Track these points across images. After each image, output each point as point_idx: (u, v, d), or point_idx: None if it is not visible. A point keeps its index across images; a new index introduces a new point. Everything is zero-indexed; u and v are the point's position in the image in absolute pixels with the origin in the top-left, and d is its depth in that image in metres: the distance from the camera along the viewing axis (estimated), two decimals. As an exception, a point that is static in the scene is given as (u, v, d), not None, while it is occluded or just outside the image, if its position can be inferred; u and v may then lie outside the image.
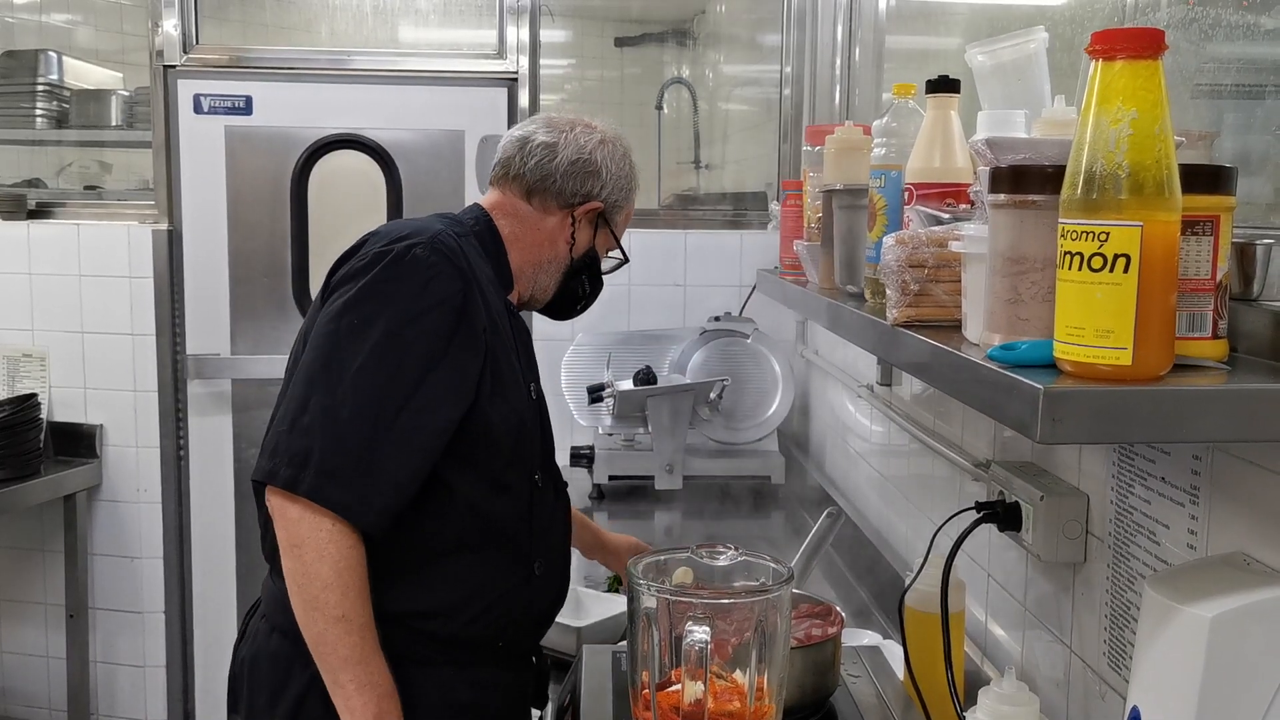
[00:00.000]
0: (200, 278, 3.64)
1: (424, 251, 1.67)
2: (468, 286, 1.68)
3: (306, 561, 1.57)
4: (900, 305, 1.31)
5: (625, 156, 1.96)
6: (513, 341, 1.80)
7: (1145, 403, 0.93)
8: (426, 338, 1.63)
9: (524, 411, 1.78)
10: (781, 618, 1.38)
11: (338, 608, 1.56)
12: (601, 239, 1.94)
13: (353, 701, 1.57)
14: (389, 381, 1.60)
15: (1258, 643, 1.05)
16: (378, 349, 1.60)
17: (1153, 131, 0.91)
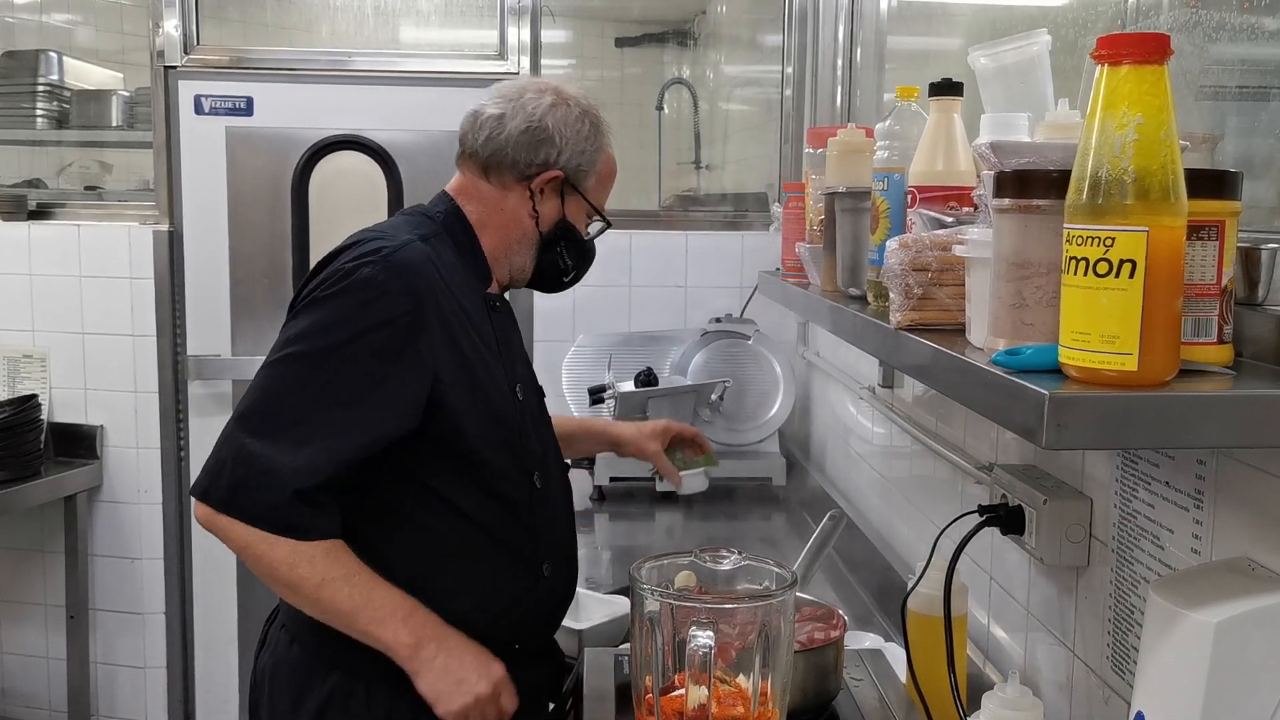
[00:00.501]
0: (201, 278, 3.63)
1: (373, 270, 1.63)
2: (418, 305, 1.63)
3: (259, 556, 1.60)
4: (904, 309, 1.31)
5: (584, 115, 1.82)
6: (494, 343, 1.77)
7: (1151, 408, 0.93)
8: (363, 357, 1.61)
9: (507, 416, 1.75)
10: (785, 622, 1.38)
11: (313, 577, 1.59)
12: (574, 207, 1.84)
13: (383, 638, 1.61)
14: (312, 396, 1.60)
15: (1262, 648, 1.04)
16: (308, 360, 1.62)
17: (1158, 137, 0.91)
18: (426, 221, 1.81)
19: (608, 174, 1.88)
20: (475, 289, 1.80)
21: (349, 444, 1.60)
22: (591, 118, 1.83)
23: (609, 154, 1.87)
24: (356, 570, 1.62)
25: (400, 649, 1.61)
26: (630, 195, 4.69)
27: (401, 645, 1.61)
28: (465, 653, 1.66)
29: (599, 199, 1.87)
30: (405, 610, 1.62)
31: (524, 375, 1.87)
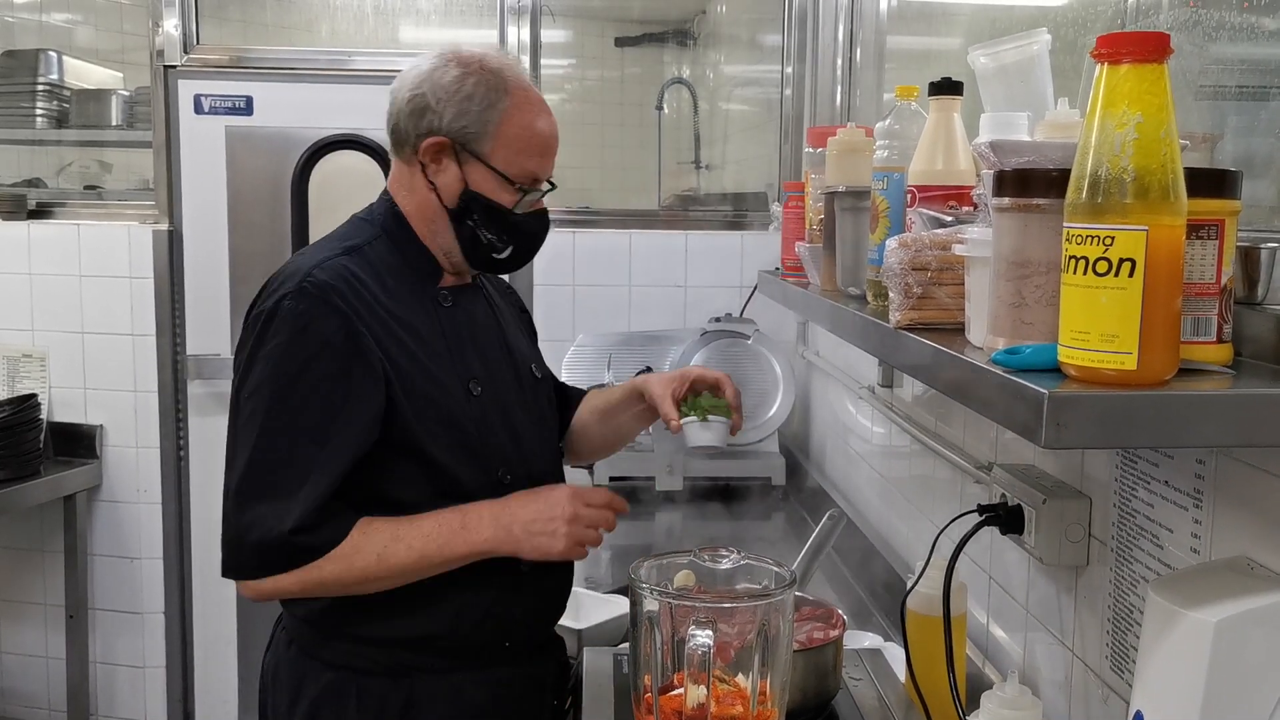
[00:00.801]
0: (200, 278, 3.63)
1: (291, 301, 1.64)
2: (347, 319, 1.63)
3: (321, 585, 1.64)
4: (903, 308, 1.31)
5: (465, 75, 1.71)
6: (440, 342, 1.74)
7: (1150, 407, 0.93)
8: (317, 388, 1.62)
9: (458, 416, 1.71)
10: (784, 621, 1.38)
11: (370, 563, 1.62)
12: (477, 175, 1.72)
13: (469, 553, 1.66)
14: (286, 444, 1.62)
15: (1261, 647, 1.04)
16: (267, 413, 1.63)
17: (1158, 136, 0.91)
18: (365, 227, 1.79)
19: (518, 138, 1.72)
20: (416, 288, 1.75)
21: (330, 473, 1.62)
22: (484, 79, 1.71)
23: (521, 118, 1.72)
24: (394, 526, 1.64)
25: (491, 548, 1.66)
26: (630, 195, 4.70)
27: (488, 545, 1.65)
28: (529, 503, 1.68)
29: (512, 166, 1.73)
30: (458, 519, 1.65)
31: (492, 369, 1.80)
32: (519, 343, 1.92)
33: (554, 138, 1.77)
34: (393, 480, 1.69)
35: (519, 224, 1.76)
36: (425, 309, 1.74)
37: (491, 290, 1.94)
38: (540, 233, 1.82)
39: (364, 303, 1.66)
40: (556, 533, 1.66)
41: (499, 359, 1.82)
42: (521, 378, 1.86)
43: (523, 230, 1.78)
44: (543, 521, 1.66)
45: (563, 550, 1.67)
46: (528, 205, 1.76)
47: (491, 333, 1.84)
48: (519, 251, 1.79)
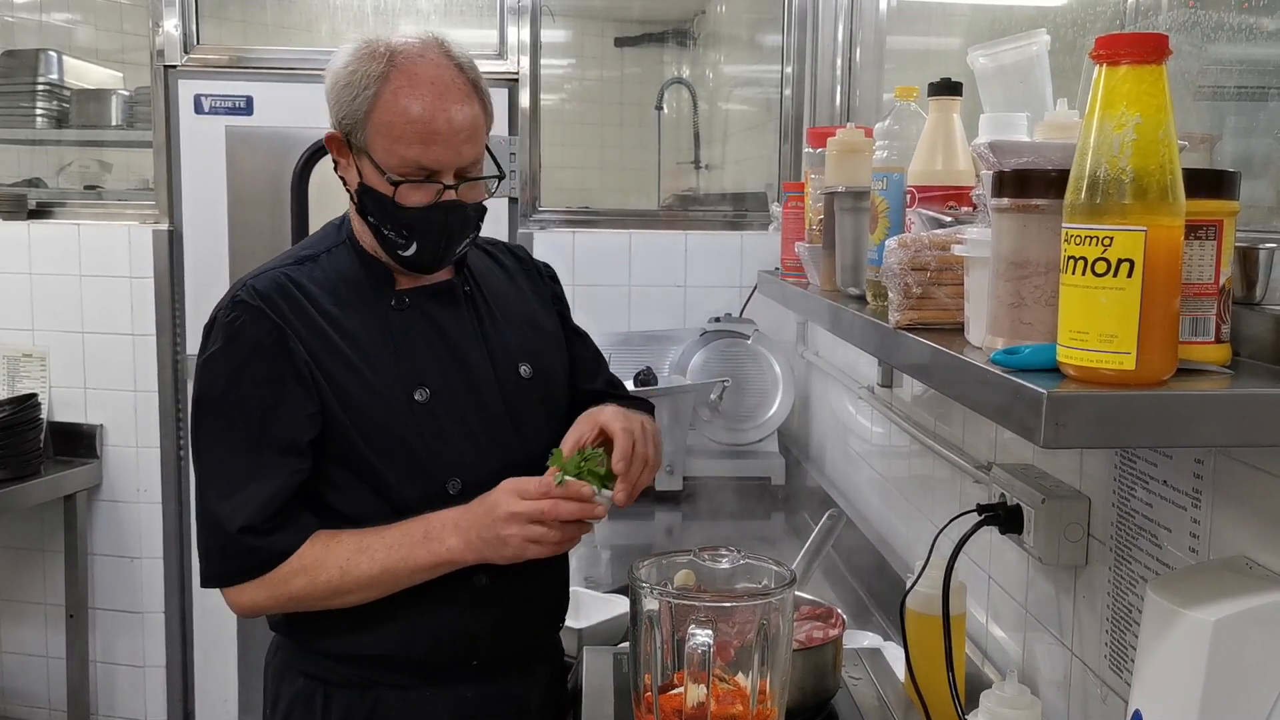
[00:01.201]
0: (200, 278, 3.64)
1: (226, 311, 1.65)
2: (277, 326, 1.62)
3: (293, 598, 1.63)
4: (902, 308, 1.31)
5: (354, 62, 1.64)
6: (388, 347, 1.68)
7: (1149, 407, 0.93)
8: (251, 392, 1.62)
9: (398, 426, 1.65)
10: (784, 620, 1.38)
11: (330, 584, 1.60)
12: (366, 168, 1.65)
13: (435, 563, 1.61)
14: (227, 449, 1.63)
15: (1260, 646, 1.05)
16: (210, 420, 1.65)
17: (1157, 136, 0.91)
18: (331, 234, 1.78)
19: (391, 125, 1.61)
20: (370, 294, 1.70)
21: (274, 475, 1.61)
22: (370, 66, 1.62)
23: (395, 103, 1.60)
24: (359, 538, 1.62)
25: (456, 558, 1.61)
26: (630, 195, 4.70)
27: (452, 554, 1.60)
28: (475, 507, 1.61)
29: (389, 155, 1.62)
30: (421, 529, 1.61)
31: (448, 374, 1.70)
32: (509, 340, 1.78)
33: (436, 122, 1.60)
34: (336, 493, 1.67)
35: (412, 218, 1.64)
36: (375, 316, 1.70)
37: (492, 284, 1.84)
38: (441, 226, 1.66)
39: (300, 312, 1.64)
40: (500, 536, 1.58)
41: (460, 362, 1.72)
42: (500, 379, 1.74)
43: (418, 225, 1.65)
44: (487, 526, 1.59)
45: (513, 554, 1.59)
46: (425, 197, 1.63)
47: (458, 334, 1.74)
48: (425, 247, 1.66)
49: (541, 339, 1.84)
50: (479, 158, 1.68)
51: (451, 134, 1.62)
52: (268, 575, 1.61)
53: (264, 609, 1.67)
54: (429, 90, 1.61)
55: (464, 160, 1.65)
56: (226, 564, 1.63)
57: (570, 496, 1.58)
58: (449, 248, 1.69)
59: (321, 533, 1.63)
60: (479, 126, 1.67)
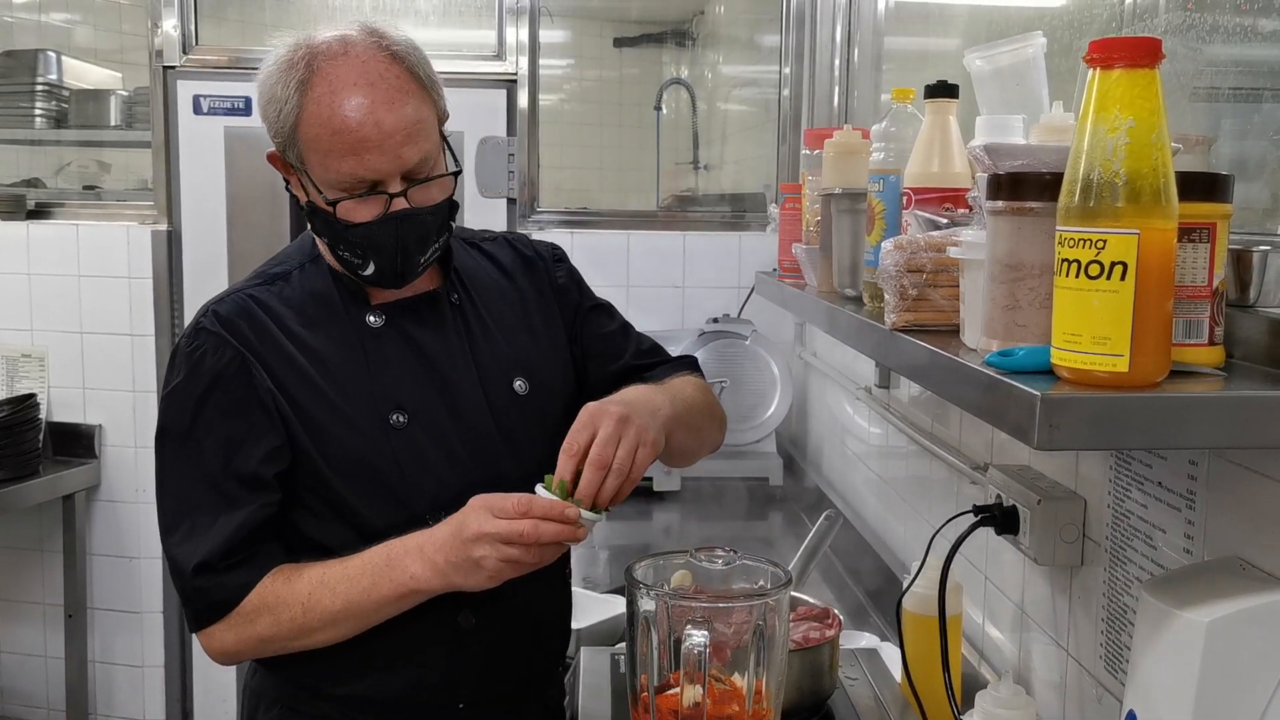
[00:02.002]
0: (199, 278, 3.64)
1: (188, 340, 1.56)
2: (239, 353, 1.53)
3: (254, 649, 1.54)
4: (898, 310, 1.32)
5: (276, 73, 1.49)
6: (362, 373, 1.56)
7: (1142, 409, 0.93)
8: (214, 423, 1.53)
9: (371, 454, 1.54)
10: (780, 621, 1.39)
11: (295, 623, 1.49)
12: (306, 184, 1.52)
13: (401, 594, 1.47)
14: (191, 483, 1.56)
15: (1253, 647, 1.05)
16: (173, 452, 1.58)
17: (1150, 140, 0.91)
18: (306, 247, 1.65)
19: (319, 139, 1.46)
20: (342, 312, 1.59)
21: (237, 512, 1.51)
22: (291, 74, 1.47)
23: (318, 114, 1.45)
24: (321, 571, 1.50)
25: (421, 586, 1.45)
26: (628, 195, 4.71)
27: (417, 583, 1.45)
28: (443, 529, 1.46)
29: (326, 171, 1.48)
30: (383, 557, 1.47)
31: (428, 395, 1.58)
32: (502, 352, 1.66)
33: (364, 128, 1.44)
34: (310, 523, 1.57)
35: (361, 235, 1.50)
36: (347, 336, 1.58)
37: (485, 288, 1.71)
38: (394, 240, 1.51)
39: (265, 336, 1.54)
40: (472, 559, 1.41)
41: (443, 381, 1.59)
42: (490, 396, 1.62)
43: (368, 242, 1.51)
44: (456, 548, 1.42)
45: (488, 578, 1.42)
46: (371, 211, 1.49)
47: (441, 350, 1.61)
48: (382, 266, 1.53)
49: (539, 347, 1.71)
50: (428, 155, 1.51)
51: (384, 137, 1.45)
52: (231, 615, 1.50)
53: (238, 653, 1.55)
54: (354, 92, 1.45)
55: (407, 163, 1.48)
56: (190, 606, 1.53)
57: (552, 517, 1.39)
58: (409, 261, 1.54)
59: (284, 567, 1.52)
60: (421, 121, 1.50)
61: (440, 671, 1.59)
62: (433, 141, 1.53)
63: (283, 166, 1.56)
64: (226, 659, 1.56)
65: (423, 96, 1.52)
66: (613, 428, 1.43)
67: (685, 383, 1.72)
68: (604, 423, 1.43)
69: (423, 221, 1.52)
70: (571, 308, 1.79)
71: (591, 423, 1.44)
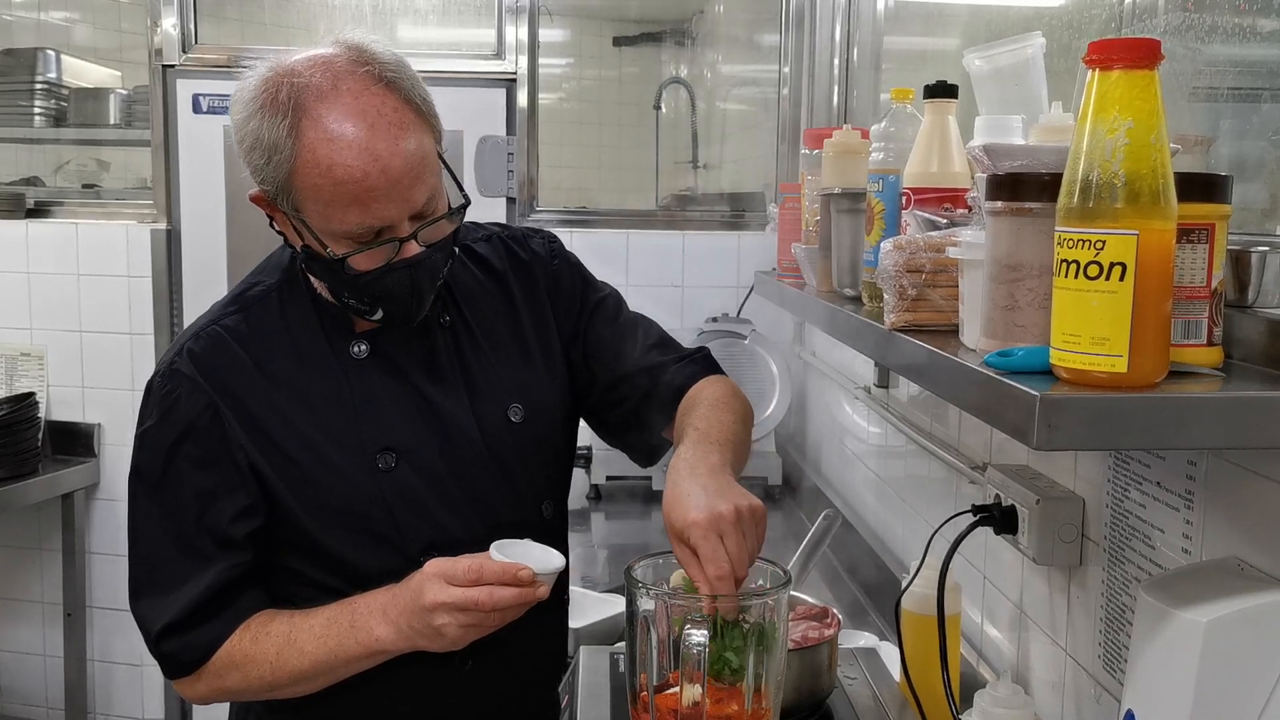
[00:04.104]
0: (199, 277, 3.64)
1: (161, 380, 1.48)
2: (212, 399, 1.45)
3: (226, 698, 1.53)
4: (897, 310, 1.32)
5: (255, 111, 1.37)
6: (348, 410, 1.49)
7: (1141, 409, 0.94)
8: (185, 476, 1.47)
9: (356, 501, 1.48)
10: (780, 620, 1.39)
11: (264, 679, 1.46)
12: (302, 230, 1.42)
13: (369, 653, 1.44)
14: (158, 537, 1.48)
15: (1252, 647, 1.05)
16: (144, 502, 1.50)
17: (1149, 141, 0.91)
18: (284, 265, 1.56)
19: (318, 190, 1.36)
20: (324, 339, 1.51)
21: (206, 572, 1.46)
22: (273, 113, 1.36)
23: (315, 164, 1.35)
24: (289, 627, 1.46)
25: (388, 647, 1.43)
26: (627, 195, 4.70)
27: (383, 645, 1.43)
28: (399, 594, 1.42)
29: (327, 223, 1.39)
30: (348, 617, 1.44)
31: (418, 430, 1.51)
32: (497, 377, 1.59)
33: (370, 177, 1.35)
34: (288, 578, 1.52)
35: (370, 284, 1.42)
36: (330, 371, 1.50)
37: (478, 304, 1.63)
38: (409, 286, 1.43)
39: (242, 378, 1.47)
40: (433, 627, 1.38)
41: (434, 416, 1.52)
42: (485, 428, 1.55)
43: (379, 290, 1.43)
44: (416, 615, 1.39)
45: (452, 643, 1.40)
46: (381, 258, 1.41)
47: (431, 380, 1.53)
48: (393, 312, 1.46)
49: (533, 366, 1.63)
50: (435, 191, 1.43)
51: (391, 184, 1.36)
52: (201, 671, 1.47)
53: (216, 699, 1.52)
54: (353, 137, 1.34)
55: (416, 204, 1.40)
56: (160, 663, 1.50)
57: (506, 581, 1.36)
58: (422, 304, 1.47)
59: (253, 620, 1.47)
60: (424, 155, 1.40)
61: (431, 710, 1.56)
62: (436, 174, 1.44)
63: (269, 208, 1.45)
64: (205, 704, 1.55)
65: (421, 125, 1.41)
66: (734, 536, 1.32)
67: (721, 404, 1.57)
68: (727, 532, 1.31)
69: (435, 262, 1.46)
70: (573, 308, 1.70)
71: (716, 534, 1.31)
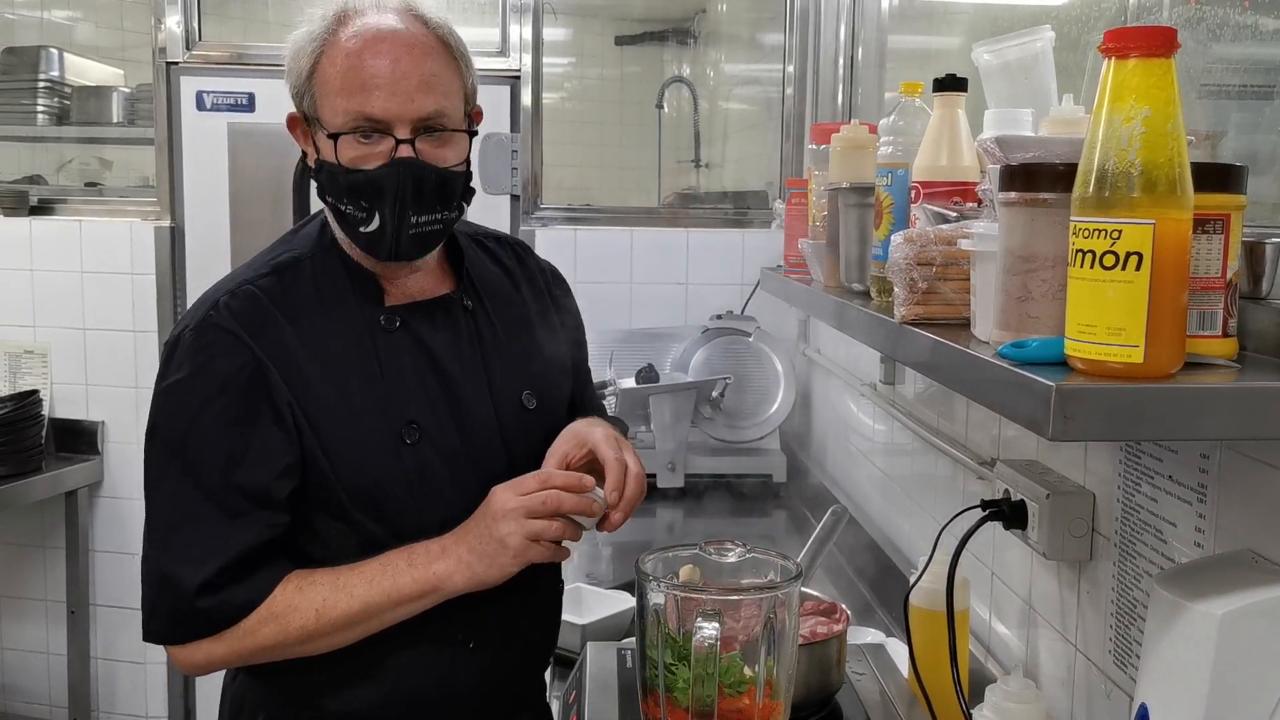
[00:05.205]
0: (202, 275, 3.63)
1: (193, 334, 1.45)
2: (254, 359, 1.42)
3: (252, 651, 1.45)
4: (908, 303, 1.32)
5: (300, 33, 1.48)
6: (378, 382, 1.48)
7: (1157, 400, 0.93)
8: (215, 431, 1.42)
9: (385, 476, 1.47)
10: (790, 614, 1.39)
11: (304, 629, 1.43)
12: (320, 140, 1.46)
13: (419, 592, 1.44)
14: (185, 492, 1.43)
15: (1266, 640, 1.05)
16: (165, 456, 1.45)
17: (1165, 130, 0.91)
18: (314, 235, 1.56)
19: (334, 79, 1.42)
20: (356, 310, 1.51)
21: (239, 530, 1.42)
22: (318, 26, 1.45)
23: (335, 56, 1.43)
24: (334, 575, 1.44)
25: (442, 582, 1.43)
26: (630, 193, 4.71)
27: (438, 578, 1.43)
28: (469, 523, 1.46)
29: (336, 115, 1.42)
30: (405, 556, 1.44)
31: (437, 407, 1.51)
32: (513, 365, 1.61)
33: (378, 65, 1.41)
34: (318, 542, 1.49)
35: (362, 181, 1.42)
36: (360, 338, 1.49)
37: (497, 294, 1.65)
38: (396, 187, 1.42)
39: (279, 340, 1.44)
40: (498, 539, 1.41)
41: (453, 395, 1.53)
42: (499, 411, 1.57)
43: (369, 189, 1.42)
44: (482, 532, 1.42)
45: (514, 557, 1.42)
46: (365, 159, 1.42)
47: (454, 360, 1.54)
48: (385, 219, 1.43)
49: (545, 359, 1.67)
50: (444, 111, 1.44)
51: (398, 78, 1.40)
52: (235, 628, 1.42)
53: (221, 664, 1.49)
54: (375, 35, 1.42)
55: (419, 110, 1.41)
56: (176, 627, 1.43)
57: (571, 487, 1.44)
58: (404, 217, 1.43)
59: (294, 574, 1.45)
60: (442, 78, 1.44)
61: (438, 694, 1.55)
62: (453, 105, 1.46)
63: (299, 128, 1.52)
64: (200, 670, 1.49)
65: (449, 62, 1.48)
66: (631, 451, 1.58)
67: None
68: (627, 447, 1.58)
69: (424, 174, 1.43)
70: (574, 339, 1.76)
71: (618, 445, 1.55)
